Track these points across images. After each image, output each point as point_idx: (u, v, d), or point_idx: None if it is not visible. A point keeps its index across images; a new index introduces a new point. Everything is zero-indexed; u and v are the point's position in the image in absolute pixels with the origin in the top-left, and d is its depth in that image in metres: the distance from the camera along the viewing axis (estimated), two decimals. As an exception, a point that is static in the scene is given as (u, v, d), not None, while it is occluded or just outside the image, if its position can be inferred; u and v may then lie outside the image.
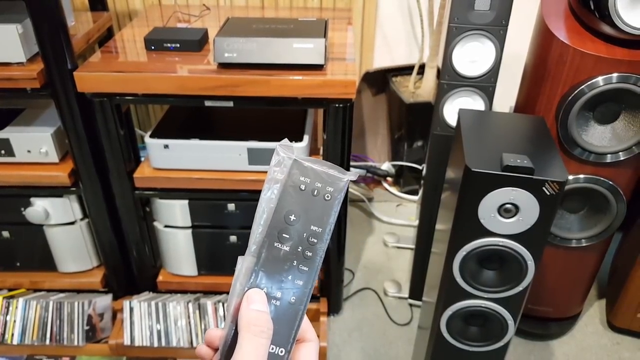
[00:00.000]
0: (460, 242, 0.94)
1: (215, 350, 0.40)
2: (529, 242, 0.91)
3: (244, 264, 0.40)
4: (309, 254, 0.40)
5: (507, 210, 0.89)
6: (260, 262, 0.40)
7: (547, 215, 0.88)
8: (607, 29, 1.06)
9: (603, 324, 1.57)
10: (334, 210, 0.41)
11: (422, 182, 1.51)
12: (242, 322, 0.38)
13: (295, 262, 0.40)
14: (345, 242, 1.46)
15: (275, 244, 0.40)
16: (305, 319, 0.41)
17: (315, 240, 0.40)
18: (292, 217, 0.40)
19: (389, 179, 2.12)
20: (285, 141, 0.42)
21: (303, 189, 0.41)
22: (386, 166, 2.10)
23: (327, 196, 0.41)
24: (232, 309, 0.39)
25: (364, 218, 1.98)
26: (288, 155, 0.41)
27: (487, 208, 0.90)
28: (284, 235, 0.40)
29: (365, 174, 2.10)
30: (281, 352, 0.39)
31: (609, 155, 1.15)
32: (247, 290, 0.40)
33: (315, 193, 0.41)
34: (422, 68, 1.88)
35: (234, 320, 0.39)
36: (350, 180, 0.42)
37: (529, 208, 0.88)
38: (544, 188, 0.85)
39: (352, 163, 2.08)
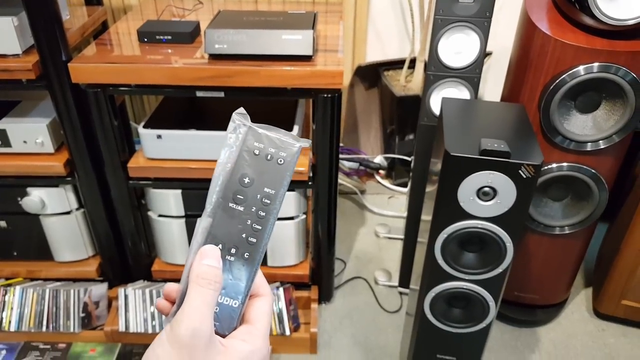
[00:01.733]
0: (442, 224, 0.97)
1: (173, 303, 0.43)
2: (507, 224, 0.94)
3: (201, 223, 0.43)
4: (263, 214, 0.43)
5: (486, 194, 0.92)
6: (216, 221, 0.43)
7: (524, 198, 0.91)
8: (587, 20, 1.08)
9: (589, 311, 1.60)
10: (288, 174, 0.43)
11: (411, 173, 1.53)
12: (192, 275, 0.41)
13: (249, 221, 0.43)
14: (335, 232, 1.49)
15: (230, 205, 0.43)
16: (260, 275, 0.44)
17: (269, 201, 0.43)
18: (247, 180, 0.43)
19: (381, 171, 2.14)
20: (241, 109, 0.44)
21: (257, 153, 0.43)
22: (379, 159, 2.13)
23: (280, 160, 0.43)
24: (188, 265, 0.42)
25: (357, 210, 2.01)
26: (243, 122, 0.44)
27: (466, 191, 0.93)
28: (238, 196, 0.43)
29: (358, 167, 2.12)
30: (235, 303, 0.42)
31: (589, 144, 1.18)
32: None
33: (269, 158, 0.43)
34: (413, 62, 1.91)
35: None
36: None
37: (507, 191, 0.91)
38: (520, 171, 0.88)
39: (345, 156, 2.11)
